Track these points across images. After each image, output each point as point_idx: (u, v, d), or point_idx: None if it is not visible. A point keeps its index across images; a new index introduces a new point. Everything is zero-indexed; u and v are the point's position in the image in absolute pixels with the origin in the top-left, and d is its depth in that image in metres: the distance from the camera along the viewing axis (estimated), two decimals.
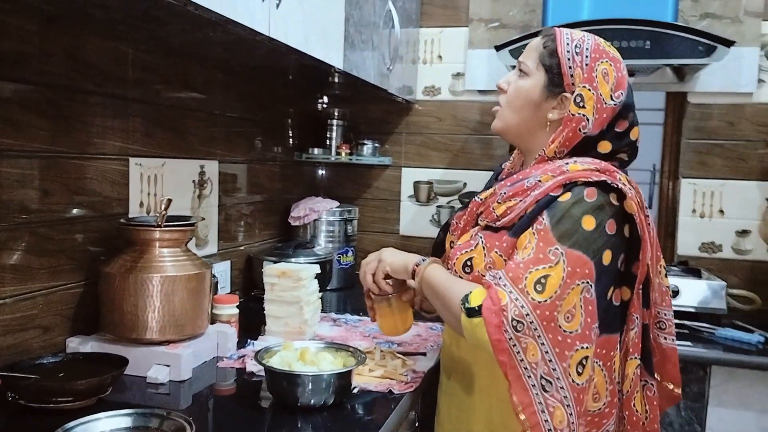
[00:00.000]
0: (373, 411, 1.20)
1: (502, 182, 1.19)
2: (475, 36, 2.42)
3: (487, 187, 1.25)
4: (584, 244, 1.04)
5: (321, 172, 2.62)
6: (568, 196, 1.08)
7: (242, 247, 2.08)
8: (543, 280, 1.02)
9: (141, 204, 1.55)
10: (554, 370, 1.01)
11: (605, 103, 1.14)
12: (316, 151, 2.43)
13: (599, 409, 1.13)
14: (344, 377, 1.19)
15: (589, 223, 1.06)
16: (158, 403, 1.18)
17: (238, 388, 1.31)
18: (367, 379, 1.29)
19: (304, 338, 1.54)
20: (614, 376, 1.14)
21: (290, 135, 2.38)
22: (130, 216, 1.50)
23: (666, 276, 1.24)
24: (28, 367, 1.16)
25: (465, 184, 2.49)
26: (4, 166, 1.19)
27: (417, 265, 1.22)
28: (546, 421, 1.01)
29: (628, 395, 1.16)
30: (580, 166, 1.11)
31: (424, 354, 1.50)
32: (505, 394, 1.02)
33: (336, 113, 2.49)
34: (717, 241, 2.26)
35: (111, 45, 1.43)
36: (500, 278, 1.04)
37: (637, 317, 1.14)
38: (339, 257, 2.31)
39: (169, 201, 1.33)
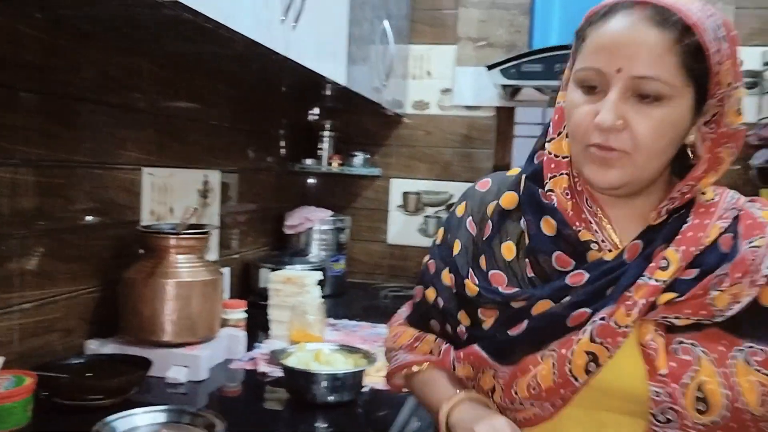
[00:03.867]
0: (385, 408, 1.28)
1: (678, 250, 0.78)
2: (463, 54, 2.53)
3: (496, 232, 0.90)
4: None
5: (313, 182, 2.70)
6: None
7: (238, 255, 2.14)
8: None
9: (152, 212, 1.61)
10: None
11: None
12: (308, 161, 2.51)
13: None
14: (358, 376, 1.27)
15: None
16: (179, 402, 1.24)
17: (253, 387, 1.38)
18: (376, 379, 1.37)
19: (309, 342, 1.61)
20: None
21: (284, 145, 2.45)
22: (143, 223, 1.56)
23: None
24: (57, 367, 1.21)
25: (451, 196, 2.59)
26: (31, 175, 1.24)
27: None
28: None
29: None
30: (764, 205, 0.84)
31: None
32: None
33: (328, 125, 2.57)
34: None
35: (129, 59, 1.49)
36: None
37: None
38: (331, 265, 2.38)
39: (195, 210, 1.39)
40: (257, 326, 1.70)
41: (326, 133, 2.56)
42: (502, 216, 0.90)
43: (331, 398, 1.24)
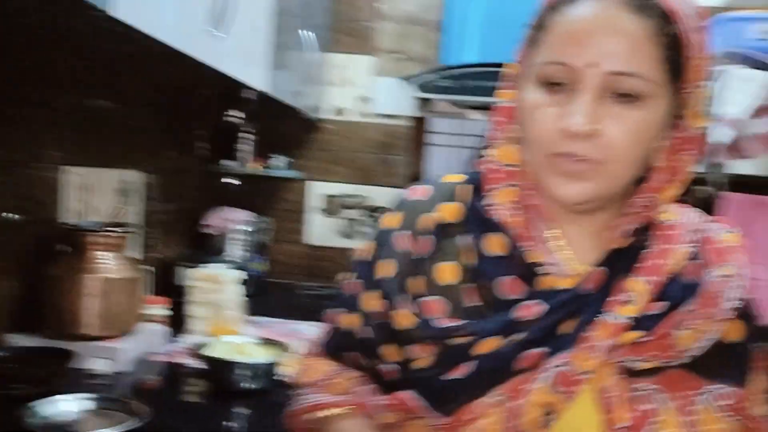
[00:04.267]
0: None
1: (645, 281, 0.69)
2: (381, 64, 2.66)
3: (435, 250, 0.76)
4: None
5: (232, 183, 2.75)
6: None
7: (158, 254, 2.18)
8: None
9: (73, 210, 1.64)
10: None
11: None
12: (229, 163, 2.56)
13: None
14: (274, 366, 1.37)
15: None
16: (102, 392, 1.30)
17: (173, 378, 1.45)
18: (292, 369, 1.46)
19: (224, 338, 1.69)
20: None
21: (205, 147, 2.50)
22: (61, 221, 1.59)
23: None
24: None
25: (370, 198, 2.71)
26: None
27: None
28: None
29: None
30: (730, 229, 0.77)
31: None
32: None
33: (248, 127, 2.63)
34: None
35: (47, 56, 1.52)
36: None
37: None
38: (250, 265, 2.45)
39: (121, 209, 1.45)
40: (177, 322, 1.76)
41: (247, 136, 2.63)
42: (443, 231, 0.75)
43: (249, 386, 1.32)
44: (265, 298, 2.41)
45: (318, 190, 2.74)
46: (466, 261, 0.73)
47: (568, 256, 0.72)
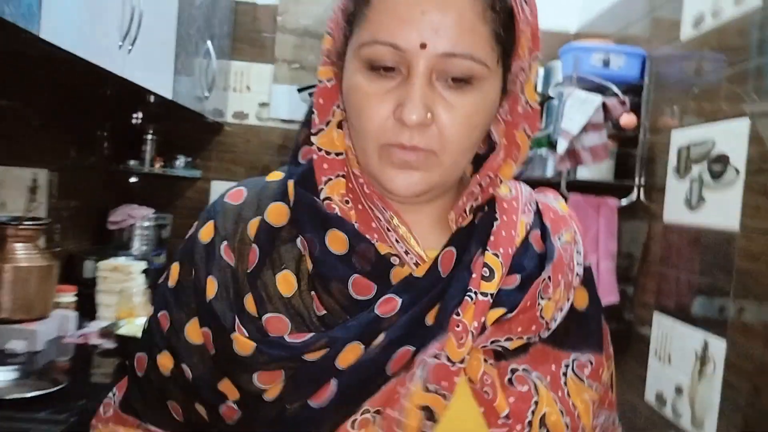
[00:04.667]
0: None
1: (497, 254, 0.66)
2: (279, 73, 2.87)
3: (266, 259, 0.67)
4: None
5: (137, 181, 2.88)
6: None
7: (61, 248, 2.29)
8: None
9: None
10: None
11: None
12: (132, 162, 2.69)
13: None
14: None
15: None
16: (22, 366, 1.45)
17: (86, 356, 1.61)
18: None
19: (135, 320, 1.86)
20: None
21: (108, 147, 2.62)
22: None
23: None
24: None
25: None
26: None
27: None
28: None
29: None
30: (555, 197, 0.79)
31: None
32: None
33: (151, 128, 2.77)
34: None
35: None
36: None
37: None
38: (153, 258, 2.60)
39: (33, 204, 1.59)
40: (83, 311, 1.91)
41: (149, 136, 2.76)
42: (271, 236, 0.67)
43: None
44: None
45: (219, 189, 2.91)
46: (303, 266, 0.66)
47: (412, 245, 0.66)
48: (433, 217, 0.70)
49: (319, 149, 0.67)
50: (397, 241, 0.66)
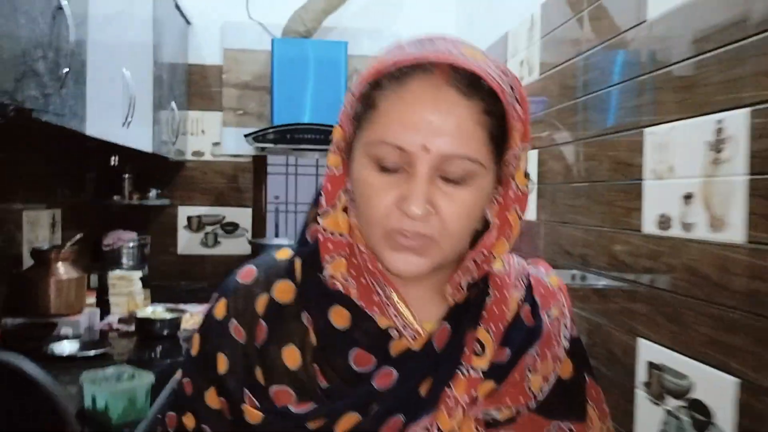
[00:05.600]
0: None
1: (489, 330, 0.73)
2: (227, 118, 3.63)
3: (273, 335, 0.75)
4: None
5: (119, 211, 3.59)
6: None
7: None
8: None
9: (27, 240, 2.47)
10: None
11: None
12: (115, 197, 3.41)
13: None
14: (177, 320, 2.32)
15: None
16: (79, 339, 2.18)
17: (110, 336, 2.35)
18: (191, 323, 2.42)
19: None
20: None
21: (95, 186, 3.33)
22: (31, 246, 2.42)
23: None
24: None
25: (224, 217, 3.67)
26: None
27: None
28: None
29: None
30: (549, 273, 0.84)
31: None
32: None
33: (127, 168, 3.48)
34: None
35: None
36: None
37: None
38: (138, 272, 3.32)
39: (79, 236, 2.33)
40: (104, 307, 2.65)
41: (126, 176, 3.48)
42: (278, 313, 0.74)
43: (164, 333, 2.27)
44: (150, 293, 3.30)
45: (184, 213, 3.65)
46: (308, 340, 0.72)
47: (410, 320, 0.71)
48: (431, 289, 0.75)
49: (325, 230, 0.72)
50: (395, 315, 0.71)
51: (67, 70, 1.60)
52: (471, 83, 0.66)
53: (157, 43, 2.89)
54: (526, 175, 0.73)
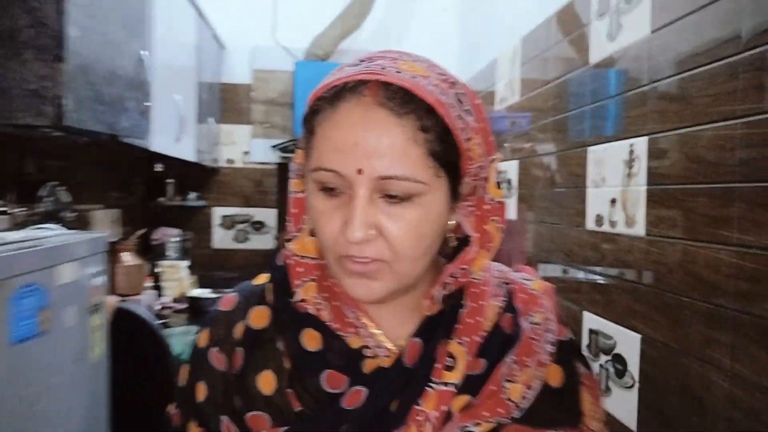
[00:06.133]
0: None
1: (462, 342, 0.71)
2: (255, 130, 4.15)
3: (249, 361, 0.76)
4: None
5: (164, 211, 4.12)
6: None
7: None
8: None
9: None
10: None
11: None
12: (160, 199, 3.94)
13: None
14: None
15: None
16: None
17: (165, 313, 2.88)
18: None
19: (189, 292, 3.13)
20: None
21: (143, 189, 3.86)
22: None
23: None
24: None
25: (252, 217, 4.19)
26: None
27: None
28: None
29: None
30: (533, 278, 0.82)
31: None
32: None
33: (170, 174, 4.01)
34: None
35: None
36: None
37: None
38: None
39: (143, 231, 2.86)
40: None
41: (170, 180, 4.02)
42: (254, 339, 0.74)
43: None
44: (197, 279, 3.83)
45: (219, 213, 4.19)
46: (282, 365, 0.72)
47: (381, 340, 0.71)
48: (406, 307, 0.74)
49: (295, 254, 0.73)
50: (367, 336, 0.72)
51: (148, 104, 2.11)
52: (405, 100, 0.64)
53: (199, 67, 3.41)
54: (499, 185, 0.71)
